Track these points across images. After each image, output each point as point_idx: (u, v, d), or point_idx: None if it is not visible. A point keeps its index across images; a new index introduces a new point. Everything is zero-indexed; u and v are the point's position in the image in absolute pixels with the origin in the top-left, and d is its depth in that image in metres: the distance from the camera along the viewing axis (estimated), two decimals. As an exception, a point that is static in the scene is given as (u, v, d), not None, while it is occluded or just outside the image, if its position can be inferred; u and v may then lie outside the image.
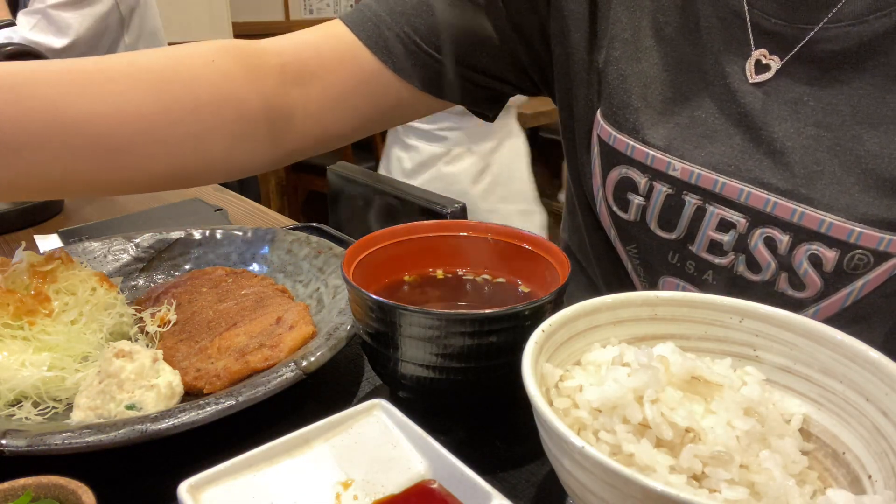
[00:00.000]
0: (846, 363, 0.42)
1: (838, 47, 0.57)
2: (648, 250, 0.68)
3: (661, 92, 0.65)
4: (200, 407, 0.48)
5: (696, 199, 0.62)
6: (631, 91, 0.66)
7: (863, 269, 0.56)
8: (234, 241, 0.78)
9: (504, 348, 0.46)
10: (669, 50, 0.65)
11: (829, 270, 0.57)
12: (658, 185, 0.64)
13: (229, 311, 0.65)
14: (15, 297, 0.59)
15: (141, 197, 1.18)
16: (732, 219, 0.61)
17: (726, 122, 0.62)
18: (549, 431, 0.36)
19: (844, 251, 0.56)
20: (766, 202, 0.59)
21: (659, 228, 0.66)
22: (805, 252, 0.58)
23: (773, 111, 0.59)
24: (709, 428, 0.39)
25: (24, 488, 0.39)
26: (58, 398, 0.56)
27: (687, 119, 0.64)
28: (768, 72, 0.60)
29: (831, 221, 0.56)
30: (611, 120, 0.67)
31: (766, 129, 0.59)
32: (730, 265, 0.63)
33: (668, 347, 0.44)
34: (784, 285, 0.60)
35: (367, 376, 0.62)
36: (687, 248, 0.65)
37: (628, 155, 0.66)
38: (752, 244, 0.60)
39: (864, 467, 0.39)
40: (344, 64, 0.72)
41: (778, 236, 0.59)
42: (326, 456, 0.43)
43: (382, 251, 0.57)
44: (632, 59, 0.66)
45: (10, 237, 0.99)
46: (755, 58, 0.60)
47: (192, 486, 0.39)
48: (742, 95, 0.61)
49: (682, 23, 0.64)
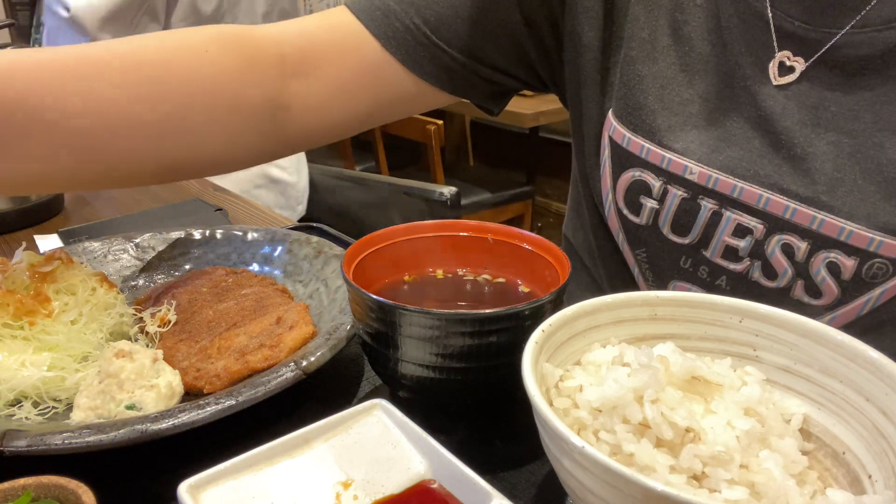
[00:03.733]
0: (846, 363, 0.42)
1: (863, 53, 0.55)
2: (659, 255, 0.67)
3: (678, 93, 0.64)
4: (200, 407, 0.48)
5: (712, 204, 0.61)
6: (647, 92, 0.65)
7: (881, 279, 0.56)
8: (234, 241, 0.78)
9: (504, 348, 0.46)
10: (688, 50, 0.63)
11: (848, 279, 0.56)
12: (673, 189, 0.63)
13: (229, 311, 0.65)
14: (15, 297, 0.59)
15: (141, 197, 1.18)
16: (749, 224, 0.60)
17: (745, 126, 0.61)
18: (549, 431, 0.36)
19: (864, 260, 0.55)
20: (786, 209, 0.58)
21: (672, 233, 0.64)
22: (823, 260, 0.57)
23: (794, 115, 0.58)
24: (709, 428, 0.39)
25: (24, 488, 0.39)
26: (58, 398, 0.56)
27: (704, 122, 0.62)
28: (792, 74, 0.59)
29: (851, 229, 0.55)
30: (625, 121, 0.66)
31: (787, 133, 0.58)
32: (745, 271, 0.61)
33: (668, 347, 0.44)
34: (800, 292, 0.59)
35: (367, 376, 0.62)
36: (700, 253, 0.63)
37: (643, 157, 0.64)
38: (768, 251, 0.59)
39: (864, 467, 0.39)
40: (347, 54, 0.70)
41: (796, 243, 0.58)
42: (326, 456, 0.43)
43: (382, 251, 0.57)
44: (648, 59, 0.65)
45: (10, 237, 0.99)
46: (779, 59, 0.59)
47: (192, 486, 0.39)
48: (763, 98, 0.60)
49: (702, 23, 0.63)
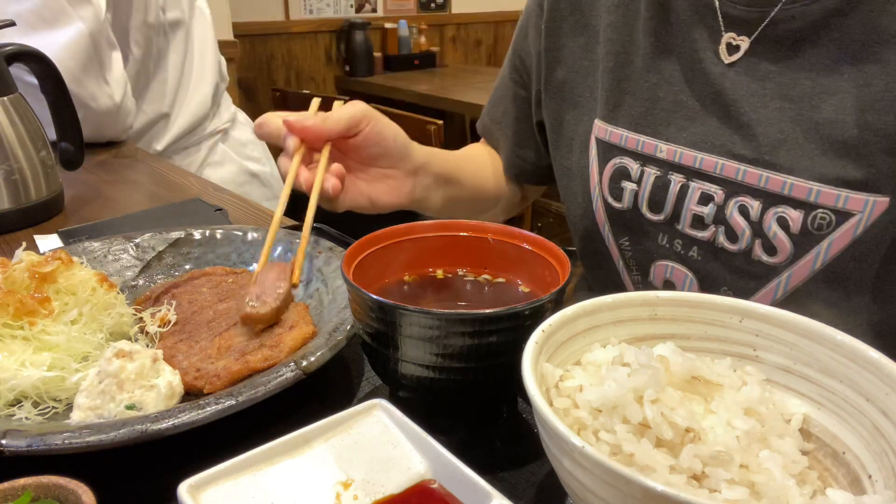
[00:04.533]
0: (846, 363, 0.42)
1: (796, 26, 0.63)
2: (640, 238, 0.75)
3: (647, 80, 0.73)
4: (200, 407, 0.48)
5: (679, 178, 0.70)
6: (624, 90, 0.74)
7: (827, 229, 0.62)
8: (234, 241, 0.78)
9: (504, 348, 0.46)
10: (654, 41, 0.72)
11: (797, 231, 0.63)
12: (648, 170, 0.72)
13: (229, 311, 0.65)
14: (15, 297, 0.58)
15: (141, 197, 1.18)
16: (710, 191, 0.68)
17: (704, 103, 0.69)
18: (549, 431, 0.36)
19: (808, 211, 0.62)
20: (738, 171, 0.66)
21: (649, 211, 0.73)
22: (773, 216, 0.64)
23: (743, 89, 0.66)
24: (709, 428, 0.39)
25: (24, 488, 0.39)
26: (58, 398, 0.56)
27: (671, 104, 0.71)
28: (738, 52, 0.66)
29: (792, 182, 0.62)
30: (607, 119, 0.76)
31: (736, 106, 0.66)
32: (711, 238, 0.69)
33: (668, 347, 0.44)
34: (759, 252, 0.66)
35: (367, 376, 0.62)
36: (674, 227, 0.72)
37: (622, 146, 0.74)
38: (728, 213, 0.67)
39: (864, 467, 0.39)
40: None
41: (750, 202, 0.65)
42: (326, 456, 0.43)
43: (382, 251, 0.57)
44: (625, 64, 0.75)
45: (10, 237, 0.99)
46: (726, 41, 0.67)
47: (192, 486, 0.39)
48: (716, 78, 0.68)
49: (664, 17, 0.71)
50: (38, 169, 1.04)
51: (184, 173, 1.34)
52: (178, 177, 1.30)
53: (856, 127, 0.60)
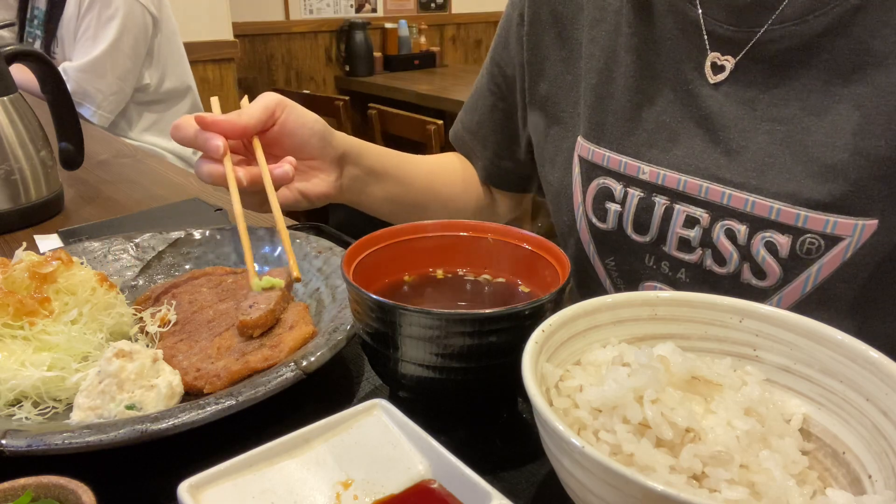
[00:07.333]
0: (846, 363, 0.42)
1: (784, 46, 0.61)
2: (627, 259, 0.73)
3: (630, 99, 0.71)
4: (200, 407, 0.48)
5: (664, 200, 0.68)
6: (607, 109, 0.73)
7: (816, 254, 0.60)
8: (234, 241, 0.78)
9: (504, 348, 0.46)
10: (636, 59, 0.70)
11: (785, 256, 0.61)
12: (631, 191, 0.70)
13: (229, 311, 0.65)
14: (15, 297, 0.58)
15: (141, 197, 1.18)
16: (696, 214, 0.66)
17: (689, 125, 0.67)
18: (549, 431, 0.36)
19: (796, 236, 0.61)
20: (723, 195, 0.64)
21: (634, 233, 0.71)
22: (761, 240, 0.62)
23: (730, 112, 0.64)
24: (709, 428, 0.39)
25: (24, 488, 0.39)
26: (58, 398, 0.55)
27: (653, 125, 0.69)
28: (723, 72, 0.65)
29: (779, 207, 0.61)
30: (590, 137, 0.74)
31: (724, 129, 0.65)
32: (699, 261, 0.67)
33: (668, 347, 0.44)
34: (748, 275, 0.64)
35: (367, 376, 0.62)
36: (660, 248, 0.70)
37: (604, 166, 0.72)
38: (714, 237, 0.65)
39: (864, 467, 0.39)
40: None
41: (736, 226, 0.63)
42: (326, 456, 0.43)
43: (382, 251, 0.57)
44: (607, 81, 0.73)
45: (10, 237, 0.99)
46: (711, 60, 0.66)
47: (192, 486, 0.39)
48: (703, 99, 0.66)
49: (647, 34, 0.70)
50: (38, 169, 1.04)
51: (184, 173, 1.34)
52: (178, 177, 1.30)
53: (846, 150, 0.58)
